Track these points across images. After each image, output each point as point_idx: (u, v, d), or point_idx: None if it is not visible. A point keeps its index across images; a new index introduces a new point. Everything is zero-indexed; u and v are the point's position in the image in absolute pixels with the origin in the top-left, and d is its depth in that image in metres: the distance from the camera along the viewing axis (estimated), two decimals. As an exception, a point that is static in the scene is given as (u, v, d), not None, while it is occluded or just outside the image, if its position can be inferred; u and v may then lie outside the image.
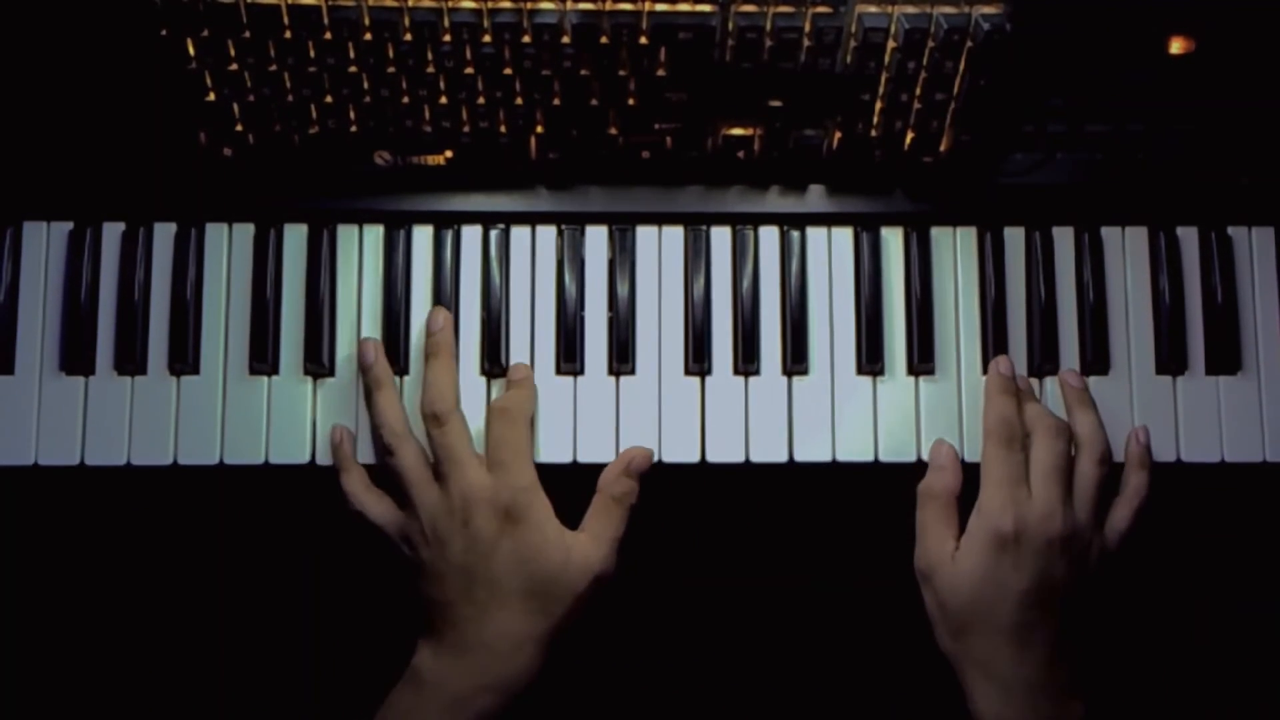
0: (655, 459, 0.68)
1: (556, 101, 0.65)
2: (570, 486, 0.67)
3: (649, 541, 0.77)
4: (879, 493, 0.70)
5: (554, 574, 0.63)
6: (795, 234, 0.70)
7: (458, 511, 0.63)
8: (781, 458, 0.68)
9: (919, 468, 0.68)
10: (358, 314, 0.69)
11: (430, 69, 0.64)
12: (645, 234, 0.70)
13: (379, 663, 0.66)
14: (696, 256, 0.70)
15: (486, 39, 0.63)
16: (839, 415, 0.69)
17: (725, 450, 0.68)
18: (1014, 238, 0.71)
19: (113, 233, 0.69)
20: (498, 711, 0.62)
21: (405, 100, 0.65)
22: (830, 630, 0.78)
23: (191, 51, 0.63)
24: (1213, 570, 0.78)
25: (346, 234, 0.70)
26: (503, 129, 0.67)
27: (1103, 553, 0.65)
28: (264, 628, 0.76)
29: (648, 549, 0.77)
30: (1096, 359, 0.70)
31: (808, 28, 0.63)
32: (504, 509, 0.63)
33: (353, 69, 0.64)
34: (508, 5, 0.62)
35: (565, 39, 0.63)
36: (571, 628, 0.64)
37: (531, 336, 0.69)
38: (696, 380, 0.69)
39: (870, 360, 0.69)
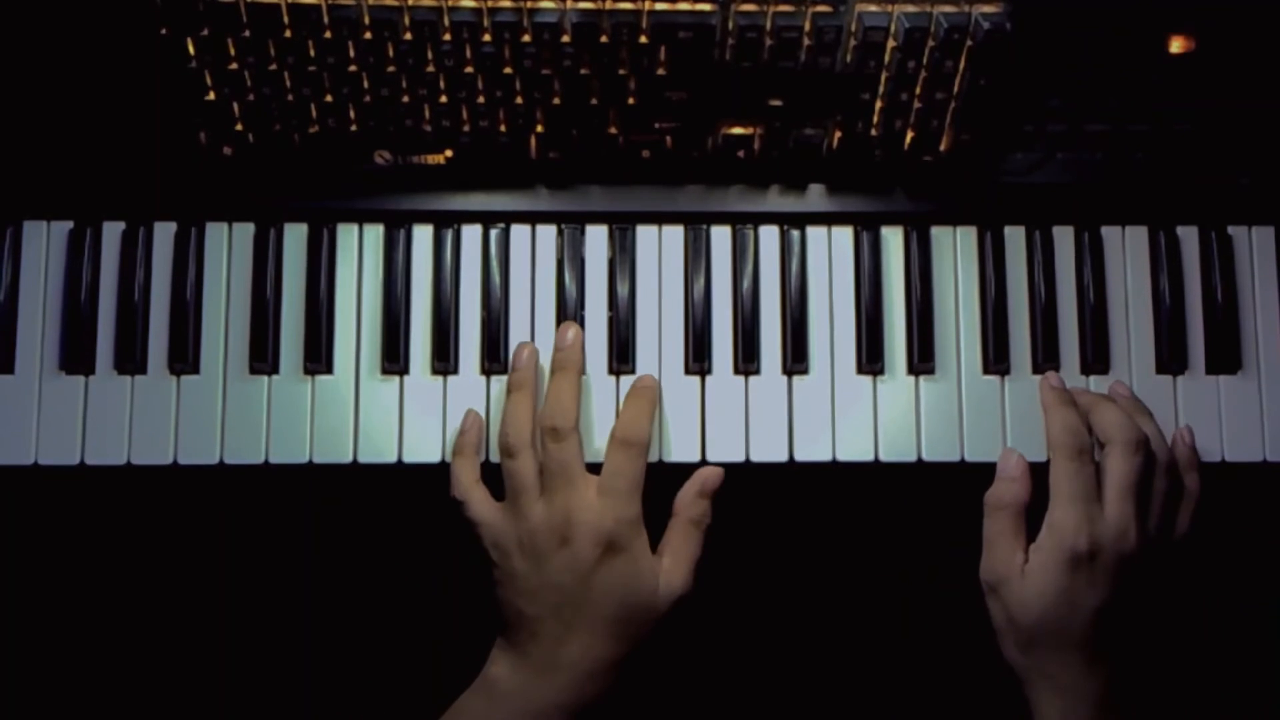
0: (655, 458, 0.68)
1: (556, 101, 0.65)
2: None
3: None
4: (878, 493, 0.70)
5: (643, 603, 0.63)
6: (795, 233, 0.70)
7: (559, 529, 0.63)
8: (781, 457, 0.68)
9: (919, 467, 0.68)
10: (358, 313, 0.69)
11: (430, 68, 0.64)
12: (645, 233, 0.70)
13: (377, 663, 0.66)
14: (696, 256, 0.70)
15: (486, 38, 0.63)
16: (839, 415, 0.69)
17: (725, 450, 0.68)
18: (1014, 237, 0.71)
19: (113, 232, 0.69)
20: None
21: (405, 100, 0.65)
22: (829, 632, 0.78)
23: (191, 51, 0.63)
24: (1213, 570, 0.77)
25: (346, 233, 0.70)
26: (503, 129, 0.67)
27: (1169, 562, 0.65)
28: (263, 628, 0.76)
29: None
30: (1096, 359, 0.70)
31: (808, 27, 0.63)
32: (607, 538, 0.62)
33: (353, 69, 0.64)
34: (508, 5, 0.62)
35: (565, 38, 0.63)
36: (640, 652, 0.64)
37: (531, 336, 0.69)
38: (696, 379, 0.69)
39: (870, 360, 0.69)
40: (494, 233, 0.70)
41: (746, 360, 0.69)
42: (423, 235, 0.70)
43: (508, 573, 0.64)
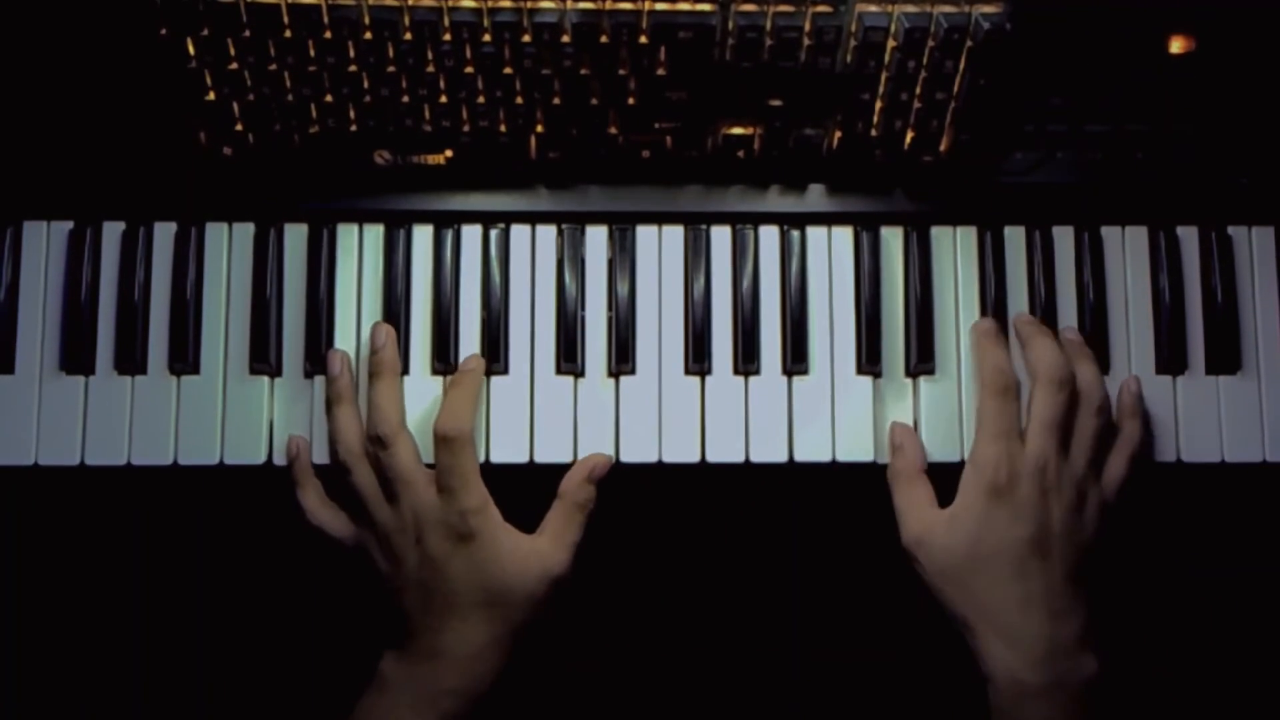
0: (655, 459, 0.68)
1: (556, 101, 0.65)
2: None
3: (646, 537, 0.77)
4: (878, 493, 0.70)
5: (510, 583, 0.63)
6: (795, 233, 0.70)
7: (410, 530, 0.64)
8: (781, 458, 0.68)
9: (919, 467, 0.68)
10: (358, 314, 0.69)
11: (430, 69, 0.64)
12: (645, 234, 0.70)
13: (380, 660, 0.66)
14: (696, 256, 0.70)
15: (486, 38, 0.63)
16: (839, 415, 0.69)
17: (725, 450, 0.68)
18: (1014, 237, 0.71)
19: (113, 233, 0.69)
20: (464, 713, 0.63)
21: (405, 100, 0.65)
22: (831, 630, 0.78)
23: (191, 51, 0.63)
24: (1213, 570, 0.78)
25: (346, 234, 0.70)
26: (503, 129, 0.67)
27: (1102, 503, 0.65)
28: (265, 627, 0.76)
29: (645, 544, 0.77)
30: (1096, 359, 0.69)
31: (808, 27, 0.63)
32: (455, 531, 0.63)
33: (353, 69, 0.64)
34: (508, 5, 0.62)
35: (565, 38, 0.63)
36: (533, 629, 0.64)
37: (531, 336, 0.69)
38: (696, 380, 0.69)
39: (870, 360, 0.69)
40: (494, 233, 0.70)
41: (746, 361, 0.69)
42: (423, 235, 0.70)
43: (377, 578, 0.65)
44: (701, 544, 0.78)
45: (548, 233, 0.70)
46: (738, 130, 0.68)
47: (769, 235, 0.71)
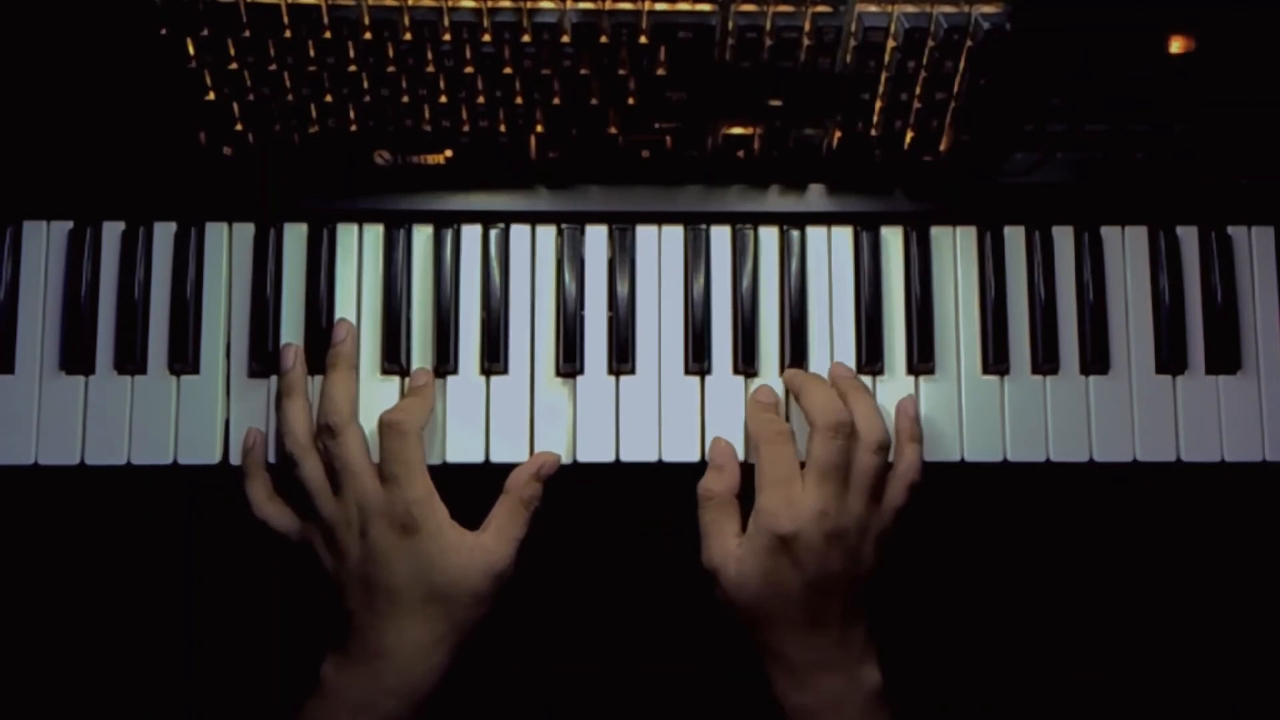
0: (655, 459, 0.68)
1: (556, 101, 0.65)
2: (570, 487, 0.68)
3: (646, 536, 0.77)
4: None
5: (454, 579, 0.63)
6: (795, 234, 0.70)
7: (354, 522, 0.64)
8: (781, 457, 0.68)
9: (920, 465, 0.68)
10: (358, 314, 0.69)
11: (430, 69, 0.64)
12: (645, 234, 0.70)
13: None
14: (696, 256, 0.70)
15: (486, 38, 0.63)
16: (839, 415, 0.69)
17: (725, 450, 0.68)
18: (1014, 237, 0.71)
19: (113, 232, 0.69)
20: (406, 714, 0.62)
21: (405, 100, 0.65)
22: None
23: (191, 51, 0.63)
24: (1212, 571, 0.78)
25: (346, 234, 0.70)
26: (503, 129, 0.67)
27: (881, 532, 0.65)
28: (266, 627, 0.76)
29: (645, 544, 0.77)
30: (1096, 359, 0.70)
31: (808, 27, 0.63)
32: (399, 522, 0.63)
33: (353, 69, 0.64)
34: (508, 5, 0.62)
35: (565, 38, 0.63)
36: (476, 626, 0.64)
37: (531, 336, 0.69)
38: (696, 380, 0.69)
39: (870, 360, 0.69)
40: (494, 233, 0.70)
41: (746, 361, 0.69)
42: (423, 235, 0.70)
43: (322, 574, 0.65)
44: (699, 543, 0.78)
45: (548, 233, 0.70)
46: (738, 130, 0.68)
47: (769, 235, 0.71)
